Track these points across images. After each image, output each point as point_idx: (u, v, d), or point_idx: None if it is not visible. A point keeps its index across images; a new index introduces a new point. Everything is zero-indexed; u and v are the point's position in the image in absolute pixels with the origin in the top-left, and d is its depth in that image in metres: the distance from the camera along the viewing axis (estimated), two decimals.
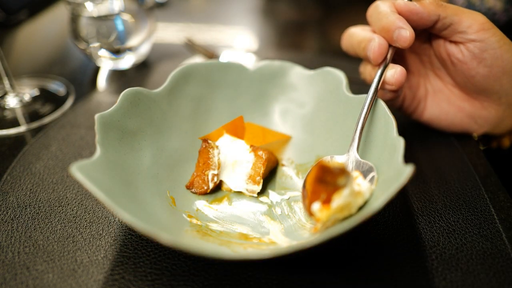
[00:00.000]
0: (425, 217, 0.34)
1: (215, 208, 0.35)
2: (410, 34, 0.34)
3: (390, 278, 0.29)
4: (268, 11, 0.88)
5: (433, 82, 0.42)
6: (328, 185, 0.27)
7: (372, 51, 0.36)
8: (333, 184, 0.27)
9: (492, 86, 0.37)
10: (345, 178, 0.27)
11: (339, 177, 0.27)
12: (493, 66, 0.36)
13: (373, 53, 0.36)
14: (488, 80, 0.37)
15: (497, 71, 0.36)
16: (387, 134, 0.31)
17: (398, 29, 0.34)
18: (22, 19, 0.76)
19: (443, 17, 0.35)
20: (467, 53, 0.36)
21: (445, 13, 0.35)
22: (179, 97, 0.39)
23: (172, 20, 0.79)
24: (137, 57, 0.60)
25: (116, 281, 0.29)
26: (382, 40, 0.36)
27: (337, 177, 0.27)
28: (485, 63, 0.36)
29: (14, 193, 0.36)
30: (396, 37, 0.35)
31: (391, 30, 0.35)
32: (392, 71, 0.35)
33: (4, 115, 0.49)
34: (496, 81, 0.37)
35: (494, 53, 0.35)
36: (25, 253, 0.31)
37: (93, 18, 0.54)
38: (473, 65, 0.36)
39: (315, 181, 0.27)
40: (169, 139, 0.37)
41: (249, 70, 0.41)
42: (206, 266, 0.30)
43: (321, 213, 0.28)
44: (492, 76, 0.36)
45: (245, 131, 0.40)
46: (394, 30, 0.35)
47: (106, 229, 0.33)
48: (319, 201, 0.28)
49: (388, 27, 0.35)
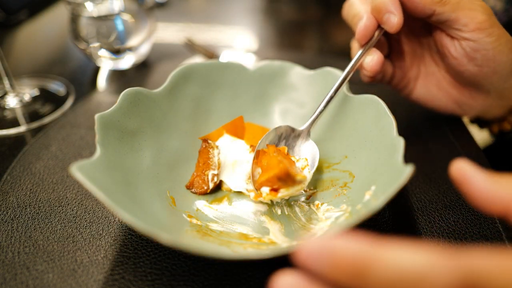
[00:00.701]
0: (425, 217, 0.34)
1: (215, 208, 0.35)
2: (398, 21, 0.34)
3: None
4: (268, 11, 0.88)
5: (428, 65, 0.42)
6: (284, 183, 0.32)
7: (358, 31, 0.36)
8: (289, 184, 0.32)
9: (481, 82, 0.37)
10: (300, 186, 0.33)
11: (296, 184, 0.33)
12: (483, 66, 0.36)
13: (358, 33, 0.36)
14: (477, 78, 0.37)
15: (487, 70, 0.36)
16: (387, 134, 0.31)
17: (388, 13, 0.35)
18: (22, 19, 0.76)
19: (439, 12, 0.35)
20: (460, 50, 0.36)
21: (441, 9, 0.34)
22: (179, 97, 0.39)
23: (172, 20, 0.79)
24: (137, 57, 0.60)
25: (116, 281, 0.29)
26: (370, 21, 0.36)
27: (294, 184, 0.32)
28: (475, 62, 0.36)
29: (14, 193, 0.36)
30: (385, 20, 0.35)
31: (381, 12, 0.35)
32: (370, 57, 0.36)
33: (4, 115, 0.49)
34: (485, 79, 0.37)
35: (486, 54, 0.35)
36: (25, 253, 0.31)
37: (93, 18, 0.54)
38: (463, 62, 0.36)
39: (275, 177, 0.32)
40: (169, 139, 0.37)
41: (249, 70, 0.41)
42: (206, 266, 0.30)
43: (266, 195, 0.32)
44: (482, 75, 0.36)
45: (245, 131, 0.40)
46: (385, 13, 0.35)
47: (106, 229, 0.33)
48: (269, 187, 0.32)
49: (380, 8, 0.35)
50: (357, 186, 0.33)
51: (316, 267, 0.16)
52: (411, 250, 0.16)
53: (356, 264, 0.16)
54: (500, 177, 0.20)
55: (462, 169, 0.21)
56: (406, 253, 0.16)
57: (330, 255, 0.16)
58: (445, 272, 0.15)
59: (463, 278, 0.15)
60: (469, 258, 0.16)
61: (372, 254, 0.16)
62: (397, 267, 0.15)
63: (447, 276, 0.15)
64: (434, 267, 0.15)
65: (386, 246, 0.16)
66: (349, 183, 0.34)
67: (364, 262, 0.16)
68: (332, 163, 0.37)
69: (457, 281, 0.15)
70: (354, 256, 0.16)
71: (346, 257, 0.16)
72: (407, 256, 0.16)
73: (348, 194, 0.33)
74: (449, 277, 0.15)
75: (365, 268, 0.16)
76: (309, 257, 0.17)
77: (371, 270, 0.16)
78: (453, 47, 0.37)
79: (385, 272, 0.15)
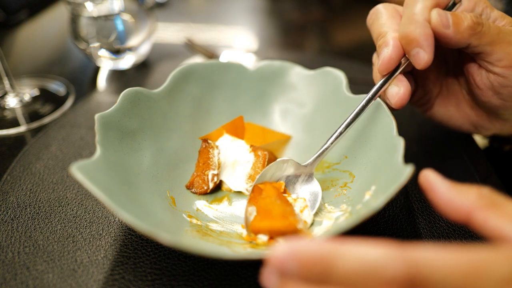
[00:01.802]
0: (425, 217, 0.34)
1: (215, 208, 0.35)
2: (427, 59, 0.31)
3: None
4: (268, 11, 0.88)
5: (450, 83, 0.39)
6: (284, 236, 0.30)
7: (381, 60, 0.32)
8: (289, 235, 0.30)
9: (501, 113, 0.36)
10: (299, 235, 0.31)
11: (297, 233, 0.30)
12: (508, 101, 0.34)
13: (382, 62, 0.32)
14: (499, 109, 0.35)
15: (510, 105, 0.34)
16: (387, 134, 0.31)
17: (418, 48, 0.31)
18: (22, 19, 0.76)
19: (474, 45, 0.31)
20: (486, 81, 0.34)
21: (477, 42, 0.31)
22: (179, 97, 0.39)
23: (172, 20, 0.79)
24: (137, 57, 0.60)
25: (116, 281, 0.29)
26: (395, 51, 0.32)
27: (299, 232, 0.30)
28: (500, 97, 0.34)
29: (14, 193, 0.36)
30: (414, 54, 0.31)
31: (411, 44, 0.31)
32: (396, 89, 0.32)
33: (4, 115, 0.49)
34: (506, 110, 0.35)
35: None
36: (25, 253, 0.31)
37: (93, 18, 0.54)
38: (488, 94, 0.34)
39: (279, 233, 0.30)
40: (169, 139, 0.37)
41: (249, 70, 0.41)
42: (206, 266, 0.30)
43: (263, 243, 0.31)
44: (504, 107, 0.35)
45: (245, 131, 0.40)
46: (415, 46, 0.31)
47: (106, 229, 0.33)
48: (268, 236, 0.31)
49: (410, 40, 0.31)
50: (357, 186, 0.33)
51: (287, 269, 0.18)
52: (367, 246, 0.18)
53: (321, 261, 0.18)
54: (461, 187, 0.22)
55: (428, 177, 0.23)
56: (362, 248, 0.18)
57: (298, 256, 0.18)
58: (393, 263, 0.17)
59: (408, 268, 0.17)
60: (415, 251, 0.17)
61: (334, 251, 0.18)
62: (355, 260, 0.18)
63: (394, 267, 0.17)
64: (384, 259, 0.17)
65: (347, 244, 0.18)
66: (349, 183, 0.34)
67: (328, 258, 0.18)
68: (332, 163, 0.37)
69: (402, 271, 0.17)
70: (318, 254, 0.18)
71: (311, 256, 0.18)
72: (363, 250, 0.18)
73: (348, 194, 0.33)
74: (396, 268, 0.17)
75: (329, 263, 0.18)
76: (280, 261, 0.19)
77: (334, 264, 0.18)
78: (479, 76, 0.34)
79: (346, 265, 0.18)
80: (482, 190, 0.22)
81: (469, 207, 0.21)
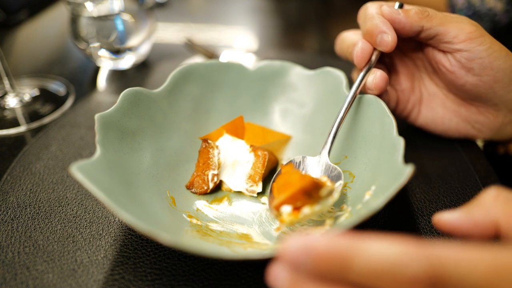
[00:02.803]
0: (425, 217, 0.34)
1: (215, 208, 0.35)
2: (392, 39, 0.34)
3: None
4: (268, 11, 0.88)
5: (428, 86, 0.41)
6: (309, 198, 0.29)
7: (355, 55, 0.36)
8: (314, 199, 0.29)
9: (484, 94, 0.37)
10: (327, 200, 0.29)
11: (324, 197, 0.29)
12: (482, 75, 0.35)
13: (356, 57, 0.36)
14: (479, 89, 0.36)
15: (487, 79, 0.36)
16: (387, 134, 0.31)
17: (381, 34, 0.35)
18: (22, 19, 0.76)
19: (427, 28, 0.35)
20: (455, 63, 0.36)
21: (429, 24, 0.35)
22: (179, 97, 0.39)
23: (172, 20, 0.79)
24: (137, 57, 0.60)
25: (116, 281, 0.29)
26: (365, 44, 0.36)
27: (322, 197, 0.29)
28: (473, 72, 0.36)
29: (14, 193, 0.36)
30: (379, 41, 0.35)
31: (374, 34, 0.35)
32: (372, 76, 0.35)
33: (4, 115, 0.49)
34: (488, 89, 0.36)
35: (482, 62, 0.35)
36: (25, 253, 0.31)
37: (93, 18, 0.54)
38: (461, 74, 0.36)
39: (301, 191, 0.28)
40: (169, 139, 0.37)
41: (249, 70, 0.41)
42: (206, 266, 0.30)
43: (288, 217, 0.29)
44: (483, 85, 0.36)
45: (245, 131, 0.40)
46: (377, 34, 0.35)
47: (106, 229, 0.33)
48: (292, 205, 0.29)
49: (372, 30, 0.35)
50: (357, 186, 0.33)
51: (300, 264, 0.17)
52: (387, 242, 0.17)
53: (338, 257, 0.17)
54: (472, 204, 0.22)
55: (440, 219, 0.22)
56: (382, 245, 0.17)
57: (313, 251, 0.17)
58: (415, 262, 0.16)
59: (431, 267, 0.16)
60: (437, 249, 0.17)
61: (352, 247, 0.17)
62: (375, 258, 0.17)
63: (416, 265, 0.16)
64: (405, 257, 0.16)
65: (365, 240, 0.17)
66: (349, 183, 0.34)
67: (345, 254, 0.17)
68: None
69: (424, 269, 0.16)
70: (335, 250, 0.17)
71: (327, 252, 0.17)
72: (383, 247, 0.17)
73: (348, 194, 0.33)
74: (418, 267, 0.16)
75: (346, 260, 0.17)
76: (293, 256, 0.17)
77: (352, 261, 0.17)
78: (447, 61, 0.37)
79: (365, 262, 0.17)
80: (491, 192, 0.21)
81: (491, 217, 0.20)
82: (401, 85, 0.41)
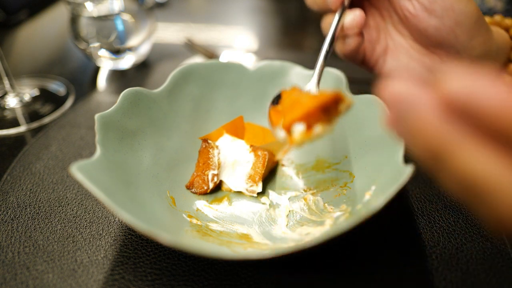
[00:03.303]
0: (425, 217, 0.34)
1: (215, 208, 0.35)
2: None
3: (390, 278, 0.29)
4: (268, 11, 0.88)
5: (394, 36, 0.42)
6: (325, 115, 0.26)
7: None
8: (331, 115, 0.26)
9: (446, 38, 0.37)
10: (343, 114, 0.27)
11: (340, 112, 0.26)
12: (444, 17, 0.36)
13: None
14: (441, 32, 0.37)
15: (448, 22, 0.36)
16: (387, 134, 0.31)
17: None
18: (22, 19, 0.76)
19: None
20: (418, 6, 0.37)
21: None
22: (179, 97, 0.39)
23: (172, 20, 0.79)
24: (137, 57, 0.60)
25: (116, 281, 0.29)
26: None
27: (339, 112, 0.26)
28: (435, 14, 0.36)
29: (14, 193, 0.36)
30: None
31: None
32: (352, 15, 0.37)
33: (4, 115, 0.49)
34: (449, 33, 0.36)
35: (443, 3, 0.35)
36: (25, 253, 0.31)
37: (93, 18, 0.54)
38: (424, 16, 0.37)
39: (320, 108, 0.26)
40: (169, 139, 0.37)
41: (249, 70, 0.41)
42: (206, 266, 0.30)
43: (299, 136, 0.27)
44: (445, 28, 0.36)
45: (245, 131, 0.40)
46: None
47: (106, 229, 0.33)
48: (305, 124, 0.26)
49: None
50: (357, 186, 0.33)
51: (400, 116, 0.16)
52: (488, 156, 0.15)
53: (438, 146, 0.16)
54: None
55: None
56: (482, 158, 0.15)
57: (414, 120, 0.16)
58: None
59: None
60: None
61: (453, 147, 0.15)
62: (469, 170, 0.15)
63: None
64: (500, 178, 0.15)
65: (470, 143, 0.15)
66: (349, 183, 0.34)
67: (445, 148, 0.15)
68: (332, 163, 0.37)
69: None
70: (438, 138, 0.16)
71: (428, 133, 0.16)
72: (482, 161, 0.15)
73: (348, 194, 0.33)
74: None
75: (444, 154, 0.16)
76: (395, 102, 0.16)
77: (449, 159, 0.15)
78: (411, 5, 0.37)
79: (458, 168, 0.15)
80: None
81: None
82: (369, 35, 0.42)
